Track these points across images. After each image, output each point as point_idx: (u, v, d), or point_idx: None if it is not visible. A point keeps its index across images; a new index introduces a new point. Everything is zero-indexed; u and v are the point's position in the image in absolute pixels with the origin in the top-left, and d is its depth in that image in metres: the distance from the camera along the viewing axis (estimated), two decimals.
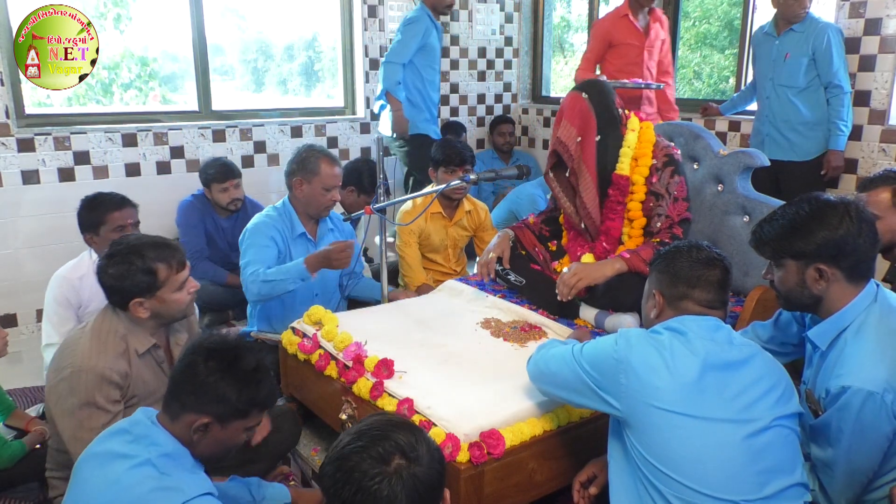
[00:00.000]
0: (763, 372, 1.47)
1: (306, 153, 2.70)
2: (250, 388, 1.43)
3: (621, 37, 3.79)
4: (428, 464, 1.11)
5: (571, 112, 2.35)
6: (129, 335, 1.82)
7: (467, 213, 3.28)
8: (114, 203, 2.48)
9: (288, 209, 2.74)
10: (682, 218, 2.36)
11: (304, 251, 2.73)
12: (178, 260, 1.83)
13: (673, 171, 2.37)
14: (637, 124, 2.40)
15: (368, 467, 1.07)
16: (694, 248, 1.61)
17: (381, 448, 1.08)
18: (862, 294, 1.57)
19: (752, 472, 1.38)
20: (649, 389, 1.42)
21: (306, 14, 5.21)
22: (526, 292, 2.53)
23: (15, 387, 2.61)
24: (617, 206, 2.40)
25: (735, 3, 5.24)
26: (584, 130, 2.33)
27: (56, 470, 1.90)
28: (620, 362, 1.47)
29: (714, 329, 1.51)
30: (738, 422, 1.40)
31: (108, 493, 1.32)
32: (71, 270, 2.48)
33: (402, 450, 1.09)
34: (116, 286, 1.78)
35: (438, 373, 1.98)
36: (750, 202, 2.58)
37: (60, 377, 1.75)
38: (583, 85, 2.42)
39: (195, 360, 1.42)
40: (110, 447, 1.39)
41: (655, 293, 1.62)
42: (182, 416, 1.41)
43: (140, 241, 1.81)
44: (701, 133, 2.81)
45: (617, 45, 3.81)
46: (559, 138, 2.37)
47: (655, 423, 1.41)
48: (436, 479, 1.12)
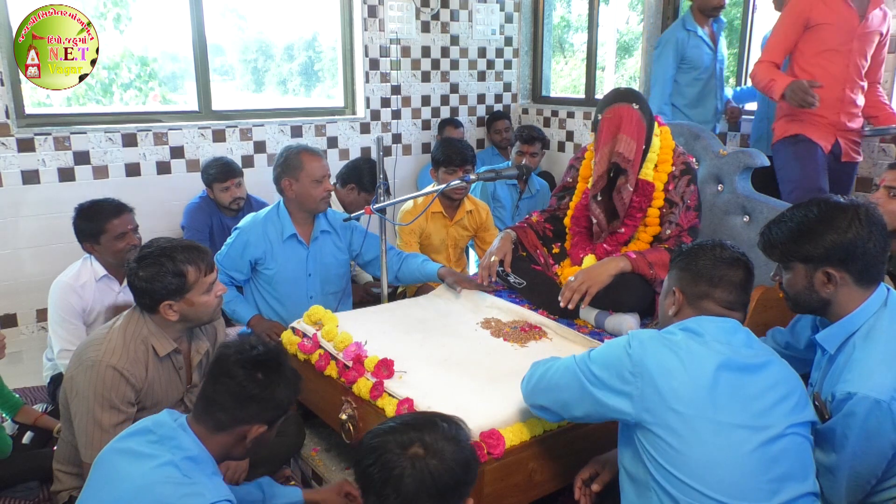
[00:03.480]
0: (779, 378, 1.45)
1: (286, 153, 2.70)
2: (296, 389, 1.53)
3: (823, 16, 2.86)
4: (445, 463, 1.17)
5: (629, 126, 2.27)
6: (151, 337, 1.85)
7: (468, 212, 3.28)
8: (111, 210, 2.45)
9: (282, 211, 2.75)
10: (692, 226, 2.37)
11: (292, 255, 2.74)
12: (207, 262, 1.86)
13: (689, 179, 2.37)
14: (658, 129, 2.40)
15: (391, 447, 1.18)
16: (717, 246, 1.58)
17: (408, 436, 1.19)
18: (872, 298, 1.55)
19: (766, 479, 1.36)
20: (667, 392, 1.39)
21: (306, 14, 5.22)
22: (526, 292, 2.53)
23: (15, 387, 2.62)
24: (637, 213, 2.38)
25: (735, 3, 5.24)
26: (640, 142, 2.30)
27: (64, 464, 1.91)
28: (636, 365, 1.43)
29: (731, 332, 1.48)
30: (753, 428, 1.37)
31: (130, 490, 1.34)
32: (73, 279, 2.47)
33: (424, 442, 1.18)
34: (147, 288, 1.80)
35: (438, 373, 1.98)
36: (750, 202, 2.59)
37: (80, 367, 1.78)
38: (630, 96, 2.32)
39: (241, 375, 1.45)
40: (132, 445, 1.42)
41: (675, 290, 1.59)
42: (234, 428, 1.46)
43: (170, 244, 1.84)
44: (701, 133, 2.81)
45: (815, 25, 2.88)
46: (622, 154, 2.26)
47: (672, 426, 1.38)
48: (451, 480, 1.17)
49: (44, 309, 3.57)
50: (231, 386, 1.45)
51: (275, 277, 2.74)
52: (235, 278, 2.75)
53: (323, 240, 2.81)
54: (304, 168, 2.65)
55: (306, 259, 2.77)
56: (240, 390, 1.45)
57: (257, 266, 2.75)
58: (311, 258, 2.78)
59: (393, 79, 4.63)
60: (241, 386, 1.45)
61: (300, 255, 2.76)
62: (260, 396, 1.46)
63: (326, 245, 2.82)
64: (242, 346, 1.51)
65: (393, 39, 4.55)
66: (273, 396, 1.47)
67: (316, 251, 2.79)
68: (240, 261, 2.70)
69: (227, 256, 2.72)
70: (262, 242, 2.71)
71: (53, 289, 2.48)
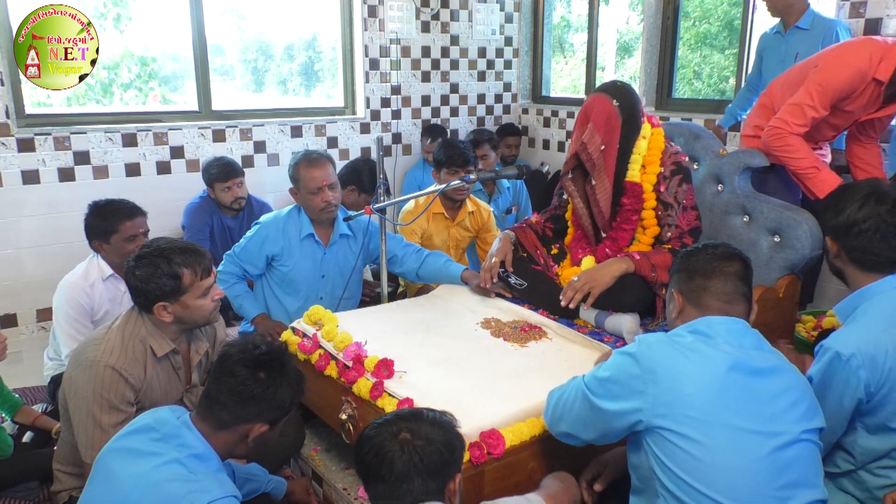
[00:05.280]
0: (790, 383, 1.43)
1: (292, 161, 2.72)
2: (299, 389, 1.55)
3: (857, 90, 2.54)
4: (431, 444, 1.30)
5: (599, 118, 2.27)
6: (149, 338, 1.85)
7: (470, 213, 3.28)
8: (126, 212, 2.47)
9: (302, 211, 2.77)
10: (693, 227, 2.35)
11: (310, 254, 2.75)
12: (204, 267, 1.85)
13: (681, 179, 2.35)
14: (648, 130, 2.38)
15: (384, 436, 1.31)
16: (711, 246, 1.59)
17: (397, 426, 1.32)
18: (884, 280, 1.63)
19: (777, 486, 1.34)
20: (678, 396, 1.37)
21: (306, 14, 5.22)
22: (526, 293, 2.53)
23: (15, 387, 2.62)
24: (632, 216, 2.36)
25: (735, 3, 5.25)
26: (609, 138, 2.27)
27: (64, 464, 1.92)
28: (645, 371, 1.40)
29: (741, 333, 1.46)
30: (765, 434, 1.36)
31: (135, 488, 1.35)
32: (81, 278, 2.48)
33: (412, 429, 1.31)
34: (142, 288, 1.80)
35: (438, 373, 1.98)
36: (750, 202, 2.58)
37: (79, 366, 1.78)
38: (613, 89, 2.31)
39: (244, 374, 1.46)
40: (134, 444, 1.43)
41: (675, 292, 1.59)
42: (236, 426, 1.48)
43: (169, 246, 1.83)
44: (701, 133, 2.81)
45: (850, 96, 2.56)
46: (584, 143, 2.29)
47: (683, 430, 1.35)
48: (437, 459, 1.29)
49: (44, 309, 3.57)
50: (233, 385, 1.46)
51: (289, 275, 2.75)
52: (249, 272, 2.75)
53: (341, 244, 2.81)
54: (300, 179, 2.66)
55: (321, 260, 2.78)
56: (242, 389, 1.45)
57: (273, 262, 2.75)
58: (326, 260, 2.78)
59: (393, 79, 4.63)
60: (243, 385, 1.45)
61: (316, 256, 2.77)
62: (262, 396, 1.46)
63: (344, 250, 2.82)
64: (246, 346, 1.51)
65: (393, 39, 4.55)
66: (275, 396, 1.48)
67: (333, 254, 2.79)
68: (258, 255, 2.71)
69: (244, 249, 2.72)
70: (281, 239, 2.72)
71: (61, 288, 2.48)
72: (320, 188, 2.65)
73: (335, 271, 2.81)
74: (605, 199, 2.35)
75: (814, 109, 2.51)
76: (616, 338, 2.21)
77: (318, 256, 2.77)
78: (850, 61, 2.48)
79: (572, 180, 2.44)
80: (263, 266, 2.76)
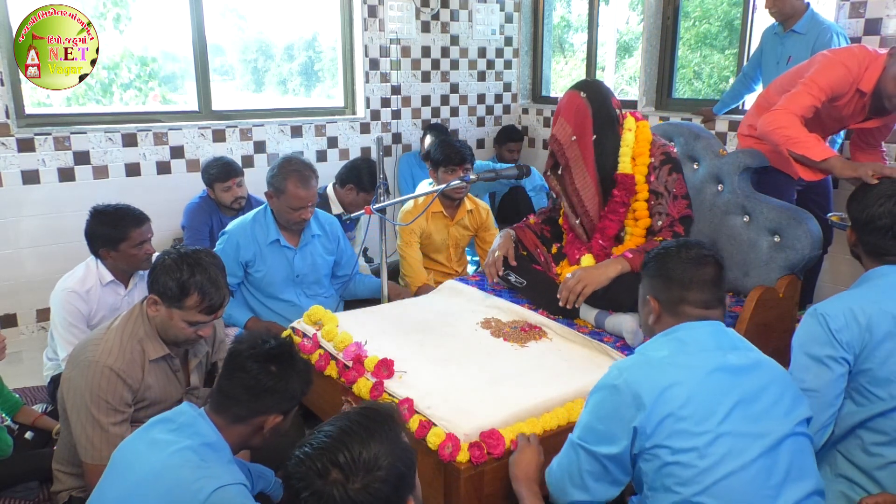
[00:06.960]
0: (771, 377, 1.44)
1: (279, 167, 2.67)
2: (308, 379, 1.58)
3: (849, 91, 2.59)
4: (370, 485, 1.06)
5: (568, 110, 2.33)
6: (146, 340, 1.86)
7: (469, 212, 3.28)
8: (134, 219, 2.46)
9: (268, 215, 2.76)
10: (683, 216, 2.35)
11: (281, 258, 2.76)
12: (213, 303, 1.85)
13: (671, 168, 2.36)
14: (633, 124, 2.40)
15: (310, 478, 1.07)
16: (682, 247, 1.57)
17: (321, 463, 1.07)
18: (892, 266, 1.72)
19: (771, 484, 1.34)
20: (670, 413, 1.35)
21: (306, 14, 5.22)
22: (526, 292, 2.53)
23: (15, 387, 2.61)
24: (621, 208, 2.38)
25: (735, 3, 5.25)
26: (581, 129, 2.31)
27: (64, 464, 1.92)
28: (632, 398, 1.37)
29: (717, 335, 1.47)
30: (753, 435, 1.35)
31: (148, 474, 1.37)
32: (78, 284, 2.47)
33: (340, 465, 1.06)
34: (152, 276, 1.86)
35: (438, 373, 1.98)
36: (750, 202, 2.58)
37: (78, 367, 1.79)
38: (581, 83, 2.40)
39: (255, 368, 1.49)
40: (154, 434, 1.45)
41: (650, 299, 1.58)
42: (251, 419, 1.50)
43: (208, 260, 1.86)
44: (701, 133, 2.81)
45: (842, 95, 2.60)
46: (553, 135, 2.36)
47: (680, 446, 1.34)
48: (383, 498, 1.07)
49: (44, 309, 3.57)
50: (246, 380, 1.48)
51: (263, 280, 2.76)
52: (229, 282, 2.75)
53: (313, 244, 2.82)
54: (286, 192, 2.64)
55: (293, 261, 2.78)
56: (255, 383, 1.48)
57: (248, 268, 2.76)
58: (298, 261, 2.79)
59: (393, 79, 4.63)
60: (255, 379, 1.48)
61: (287, 258, 2.77)
62: (275, 388, 1.49)
63: (316, 249, 2.83)
64: (254, 341, 1.54)
65: (393, 39, 4.55)
66: (287, 387, 1.51)
67: (305, 254, 2.80)
68: (233, 263, 2.70)
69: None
70: (252, 244, 2.72)
71: (58, 294, 2.48)
72: (304, 208, 2.67)
73: (310, 271, 2.83)
74: (588, 195, 2.36)
75: (811, 97, 2.54)
76: (616, 338, 2.21)
77: (289, 257, 2.77)
78: (841, 60, 2.56)
79: (554, 177, 2.48)
80: (241, 273, 2.77)
